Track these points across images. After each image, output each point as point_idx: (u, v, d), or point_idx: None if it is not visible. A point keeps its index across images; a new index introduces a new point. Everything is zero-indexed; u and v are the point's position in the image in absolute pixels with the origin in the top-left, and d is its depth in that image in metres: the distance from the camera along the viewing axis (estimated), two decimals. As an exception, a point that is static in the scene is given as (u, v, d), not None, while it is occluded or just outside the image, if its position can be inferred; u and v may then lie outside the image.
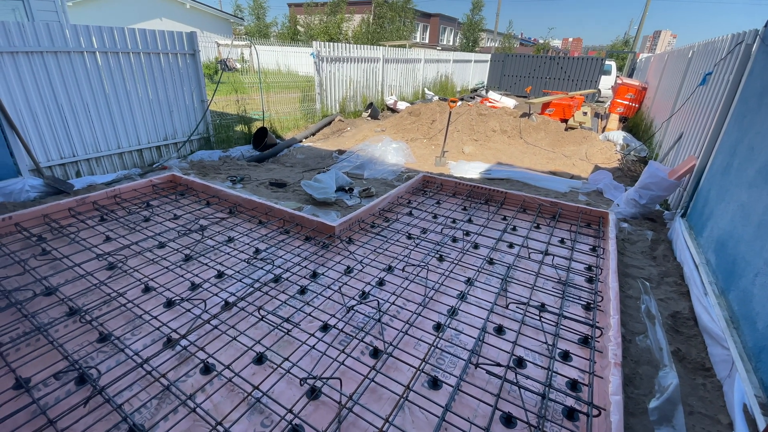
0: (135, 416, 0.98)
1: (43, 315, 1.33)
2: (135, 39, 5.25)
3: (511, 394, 1.10)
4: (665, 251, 2.71)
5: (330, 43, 9.37)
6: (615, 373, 1.10)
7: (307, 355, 1.21)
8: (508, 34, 34.00)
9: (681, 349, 1.78)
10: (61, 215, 2.05)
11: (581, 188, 5.52)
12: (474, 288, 1.59)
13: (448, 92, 15.19)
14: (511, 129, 8.60)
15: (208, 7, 19.51)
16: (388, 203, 2.41)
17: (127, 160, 5.63)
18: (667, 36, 72.46)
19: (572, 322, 1.40)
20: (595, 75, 16.17)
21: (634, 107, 11.21)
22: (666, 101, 7.73)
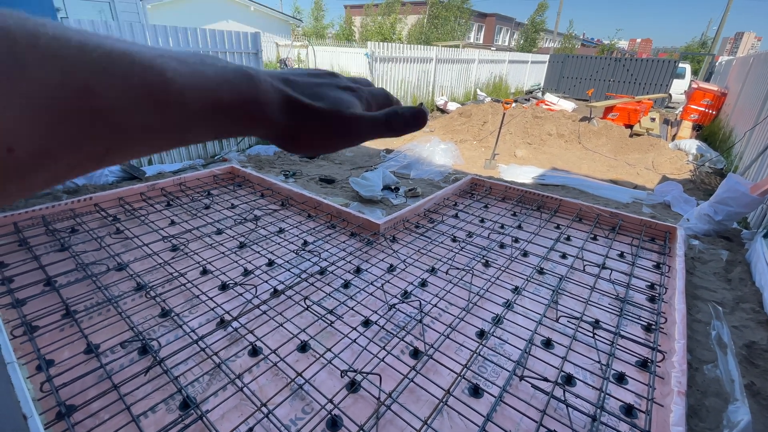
0: (188, 389, 1.05)
1: (114, 288, 1.46)
2: (206, 39, 5.64)
3: (558, 411, 1.04)
4: (742, 274, 2.45)
5: (384, 44, 9.46)
6: (678, 402, 1.01)
7: (348, 348, 1.23)
8: (569, 35, 32.43)
9: (755, 383, 1.59)
10: (133, 198, 2.24)
11: (646, 199, 5.13)
12: (521, 297, 1.53)
13: (501, 94, 14.76)
14: (568, 133, 8.18)
15: (270, 9, 20.48)
16: (434, 204, 2.38)
17: (192, 151, 6.05)
18: (750, 38, 65.34)
19: (630, 342, 1.30)
20: (665, 78, 14.93)
21: (711, 114, 10.22)
22: (750, 109, 6.98)
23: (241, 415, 0.99)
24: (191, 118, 0.26)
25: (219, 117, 0.28)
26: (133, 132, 0.23)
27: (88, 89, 0.20)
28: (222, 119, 0.28)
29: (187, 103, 0.25)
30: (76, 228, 1.88)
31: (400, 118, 0.38)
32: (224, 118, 0.28)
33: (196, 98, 0.26)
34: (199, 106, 0.26)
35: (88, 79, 0.20)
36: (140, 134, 0.23)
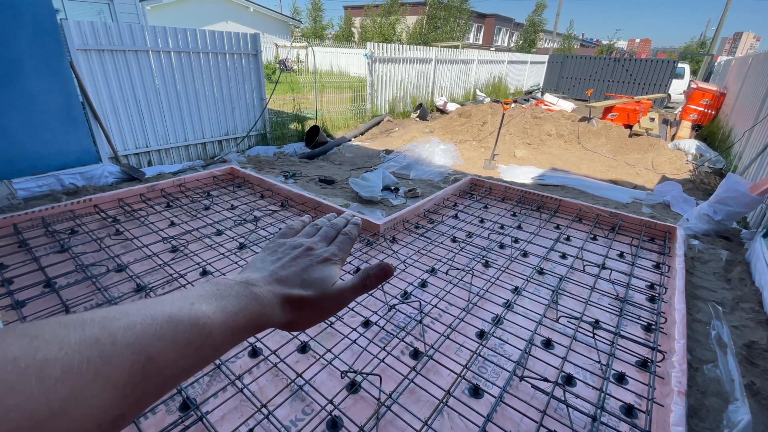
0: (188, 390, 1.05)
1: (114, 289, 1.46)
2: (205, 40, 5.64)
3: (558, 412, 1.04)
4: (742, 274, 2.45)
5: (383, 44, 9.46)
6: (678, 402, 1.01)
7: (349, 349, 1.23)
8: (568, 35, 32.45)
9: (755, 382, 1.60)
10: (133, 200, 2.24)
11: (645, 199, 5.14)
12: (521, 298, 1.53)
13: (500, 94, 14.78)
14: (568, 133, 8.19)
15: (269, 10, 20.48)
16: (434, 205, 2.38)
17: (192, 152, 6.05)
18: (749, 38, 65.40)
19: (630, 342, 1.30)
20: (664, 78, 14.94)
21: (710, 114, 10.23)
22: (749, 109, 6.99)
23: (241, 416, 0.99)
24: (218, 350, 0.32)
25: (236, 338, 0.34)
26: (178, 375, 0.29)
27: (151, 360, 0.26)
28: (237, 339, 0.35)
29: (216, 342, 0.32)
30: (76, 229, 1.88)
31: (373, 278, 0.47)
32: (239, 337, 0.35)
33: (223, 333, 0.32)
34: (226, 338, 0.33)
35: (150, 351, 0.27)
36: (181, 375, 0.30)
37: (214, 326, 0.31)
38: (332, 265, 0.47)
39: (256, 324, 0.36)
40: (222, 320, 0.32)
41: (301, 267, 0.45)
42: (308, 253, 0.47)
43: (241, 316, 0.34)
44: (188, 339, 0.29)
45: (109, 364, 0.24)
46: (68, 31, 4.30)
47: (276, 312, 0.39)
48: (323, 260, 0.47)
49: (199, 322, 0.30)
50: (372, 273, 0.47)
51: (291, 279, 0.43)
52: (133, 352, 0.25)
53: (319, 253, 0.48)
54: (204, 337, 0.30)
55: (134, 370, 0.25)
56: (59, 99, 3.88)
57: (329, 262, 0.47)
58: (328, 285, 0.44)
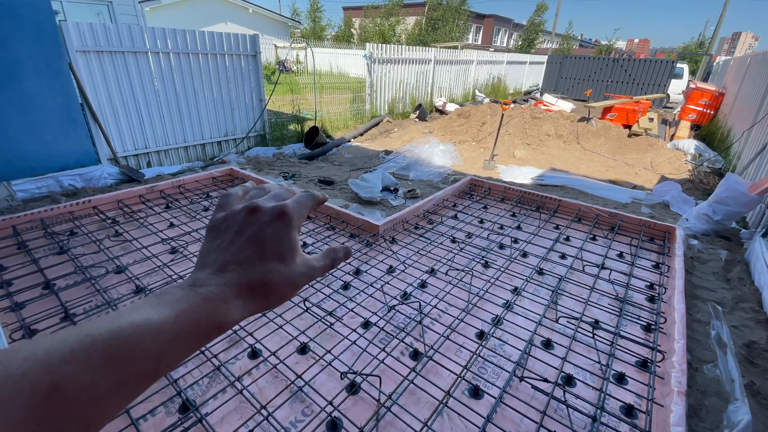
0: (188, 392, 1.05)
1: (113, 291, 1.46)
2: (204, 41, 5.64)
3: (558, 412, 1.04)
4: (741, 274, 2.45)
5: (382, 45, 9.47)
6: (678, 403, 1.01)
7: (348, 350, 1.23)
8: (567, 35, 32.49)
9: (755, 382, 1.60)
10: (132, 201, 2.24)
11: (645, 199, 5.14)
12: (521, 298, 1.53)
13: (500, 94, 14.79)
14: (567, 133, 8.20)
15: (269, 11, 20.50)
16: (433, 205, 2.38)
17: (191, 153, 6.05)
18: (747, 38, 65.62)
19: (629, 342, 1.30)
20: (663, 78, 14.96)
21: (709, 114, 10.25)
22: (747, 108, 7.00)
23: (240, 418, 0.99)
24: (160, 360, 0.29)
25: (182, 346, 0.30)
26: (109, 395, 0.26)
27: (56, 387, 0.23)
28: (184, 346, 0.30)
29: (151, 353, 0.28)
30: (75, 231, 1.88)
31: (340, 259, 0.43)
32: (187, 344, 0.31)
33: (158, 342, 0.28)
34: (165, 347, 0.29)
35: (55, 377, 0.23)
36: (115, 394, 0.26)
37: (143, 337, 0.27)
38: (287, 222, 0.38)
39: (208, 326, 0.31)
40: (155, 328, 0.28)
41: (248, 238, 0.37)
42: (254, 217, 0.38)
43: (182, 320, 0.30)
44: (108, 355, 0.26)
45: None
46: (67, 32, 4.30)
47: (234, 306, 0.33)
48: (275, 217, 0.38)
49: (122, 336, 0.27)
50: (340, 255, 0.43)
51: (242, 260, 0.36)
52: (31, 382, 0.22)
53: (268, 209, 0.38)
54: (131, 350, 0.27)
55: (35, 402, 0.22)
56: (58, 100, 3.88)
57: (283, 219, 0.38)
58: (289, 252, 0.37)
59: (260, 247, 0.36)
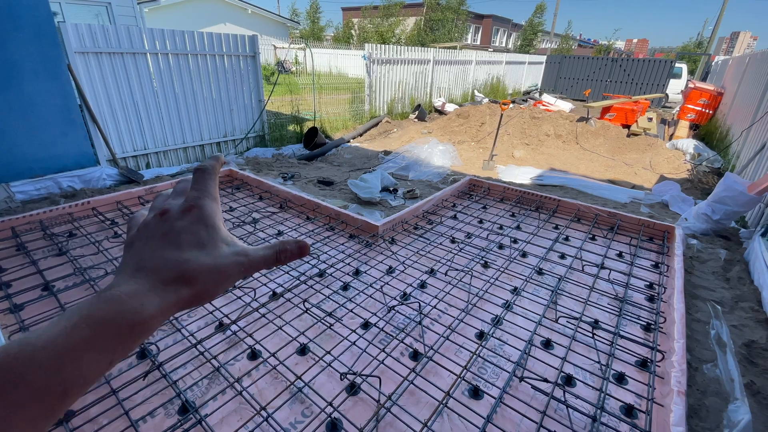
0: (187, 393, 1.05)
1: (113, 292, 1.45)
2: (203, 41, 5.63)
3: (558, 412, 1.04)
4: (740, 273, 2.45)
5: (381, 45, 9.47)
6: (678, 402, 1.01)
7: (348, 351, 1.22)
8: (566, 35, 32.54)
9: (755, 382, 1.60)
10: (131, 202, 2.24)
11: (644, 199, 5.15)
12: (521, 298, 1.53)
13: (498, 95, 14.79)
14: (566, 133, 8.20)
15: (267, 12, 20.50)
16: (433, 205, 2.38)
17: (191, 154, 6.04)
18: (746, 37, 65.79)
19: (629, 342, 1.30)
20: (662, 78, 14.98)
21: (708, 114, 10.26)
22: (746, 108, 7.01)
23: (240, 419, 0.98)
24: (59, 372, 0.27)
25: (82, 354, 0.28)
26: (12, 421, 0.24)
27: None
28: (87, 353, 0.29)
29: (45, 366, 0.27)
30: (74, 232, 1.88)
31: (288, 254, 0.40)
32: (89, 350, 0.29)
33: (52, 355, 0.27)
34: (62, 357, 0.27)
35: None
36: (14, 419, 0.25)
37: (34, 351, 0.27)
38: (198, 211, 0.38)
39: (119, 327, 0.30)
40: (46, 340, 0.27)
41: (162, 236, 0.36)
42: (164, 217, 0.38)
43: (80, 327, 0.29)
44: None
45: None
46: (66, 33, 4.29)
47: (149, 302, 0.32)
48: (183, 211, 0.38)
49: (9, 354, 0.26)
50: (289, 248, 0.40)
51: (156, 256, 0.35)
52: None
53: (176, 207, 0.38)
54: (19, 369, 0.26)
55: None
56: (57, 102, 3.88)
57: (192, 211, 0.38)
58: (209, 240, 0.37)
59: (174, 240, 0.36)
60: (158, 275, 0.34)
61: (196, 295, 0.35)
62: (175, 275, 0.34)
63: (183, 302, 0.34)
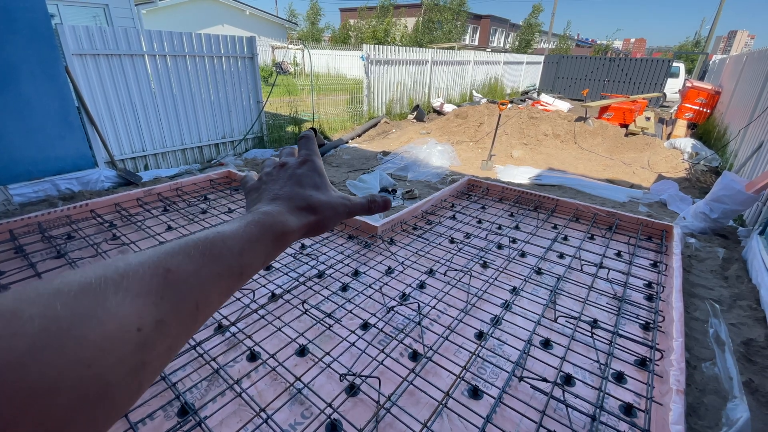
0: (187, 395, 1.05)
1: (112, 294, 1.45)
2: (200, 43, 5.63)
3: (558, 412, 1.04)
4: (739, 271, 2.46)
5: (380, 46, 9.48)
6: (677, 401, 1.01)
7: (347, 352, 1.23)
8: (564, 35, 32.60)
9: (754, 380, 1.60)
10: (130, 204, 2.24)
11: (642, 198, 5.16)
12: (520, 298, 1.53)
13: (497, 95, 14.81)
14: (564, 133, 8.22)
15: (265, 13, 20.49)
16: (431, 206, 2.38)
17: (189, 156, 6.03)
18: (743, 36, 66.02)
19: (628, 341, 1.30)
20: (660, 78, 15.02)
21: (705, 113, 10.29)
22: (744, 107, 7.03)
23: (240, 421, 0.98)
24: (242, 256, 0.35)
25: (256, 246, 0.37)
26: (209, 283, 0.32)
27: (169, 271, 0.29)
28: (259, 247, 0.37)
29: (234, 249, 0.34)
30: (73, 234, 1.87)
31: (377, 205, 0.49)
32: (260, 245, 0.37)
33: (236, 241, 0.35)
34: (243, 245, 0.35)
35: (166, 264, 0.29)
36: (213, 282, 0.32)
37: (225, 238, 0.34)
38: (312, 163, 0.48)
39: (273, 232, 0.38)
40: (232, 231, 0.35)
41: (287, 179, 0.46)
42: (284, 168, 0.48)
43: (252, 226, 0.37)
44: (202, 251, 0.32)
45: (127, 278, 0.26)
46: (63, 35, 4.29)
47: (290, 219, 0.41)
48: (301, 163, 0.48)
49: (208, 238, 0.33)
50: (378, 200, 0.49)
51: (289, 191, 0.44)
52: (149, 267, 0.28)
53: (292, 161, 0.49)
54: (218, 247, 0.33)
55: (155, 281, 0.27)
56: (55, 104, 3.87)
57: (308, 162, 0.48)
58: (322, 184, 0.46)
59: (298, 181, 0.45)
60: (292, 203, 0.43)
61: (319, 222, 0.44)
62: (304, 204, 0.43)
63: (310, 226, 0.43)
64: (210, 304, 0.31)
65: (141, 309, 0.25)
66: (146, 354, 0.25)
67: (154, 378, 0.27)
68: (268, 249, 0.38)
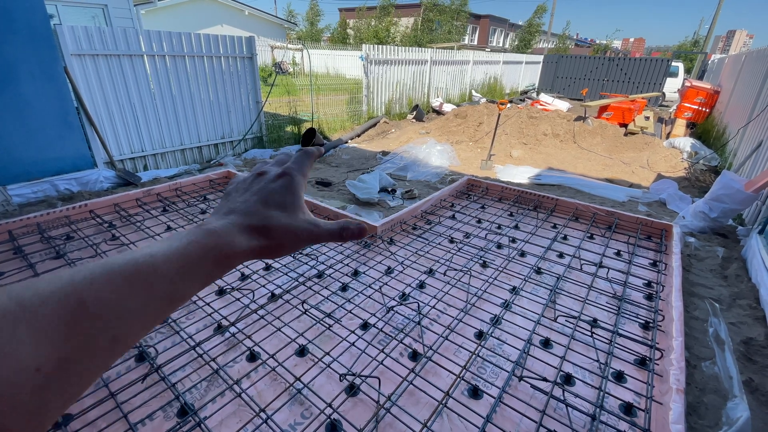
0: (186, 395, 1.04)
1: (111, 295, 1.45)
2: (199, 43, 5.63)
3: (558, 411, 1.04)
4: (738, 271, 2.46)
5: (379, 46, 9.47)
6: (677, 400, 1.01)
7: (347, 352, 1.22)
8: (564, 35, 32.63)
9: (754, 379, 1.60)
10: (129, 205, 2.23)
11: (641, 198, 5.17)
12: (519, 297, 1.53)
13: (496, 94, 14.81)
14: (563, 133, 8.22)
15: (264, 13, 20.48)
16: (431, 206, 2.38)
17: (188, 156, 6.03)
18: (742, 36, 66.14)
19: (628, 341, 1.30)
20: (659, 77, 15.03)
21: (705, 112, 10.29)
22: (743, 106, 7.04)
23: (239, 421, 0.98)
24: (174, 283, 0.32)
25: (192, 270, 0.34)
26: (128, 315, 0.29)
27: (82, 302, 0.26)
28: (195, 270, 0.34)
29: (166, 275, 0.31)
30: (72, 235, 1.87)
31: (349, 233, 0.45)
32: (197, 269, 0.34)
33: (170, 266, 0.32)
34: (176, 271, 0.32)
35: (80, 295, 0.26)
36: (134, 315, 0.29)
37: (157, 262, 0.31)
38: (289, 179, 0.44)
39: (216, 255, 0.35)
40: (166, 255, 0.32)
41: (254, 192, 0.42)
42: (260, 178, 0.44)
43: (191, 248, 0.34)
44: (126, 277, 0.29)
45: (31, 312, 0.24)
46: (62, 36, 4.28)
47: (239, 240, 0.37)
48: (278, 176, 0.44)
49: (137, 262, 0.30)
50: (352, 227, 0.45)
51: (249, 207, 0.41)
52: (59, 298, 0.25)
53: (272, 171, 0.45)
54: (146, 274, 0.30)
55: (64, 314, 0.25)
56: (54, 104, 3.87)
57: (284, 177, 0.44)
58: (291, 205, 0.42)
59: (264, 198, 0.42)
60: (247, 220, 0.39)
61: (273, 247, 0.40)
62: (260, 225, 0.39)
63: (261, 249, 0.39)
64: (131, 335, 0.29)
65: (42, 347, 0.23)
66: (47, 395, 0.23)
67: (60, 414, 0.25)
68: (208, 272, 0.35)
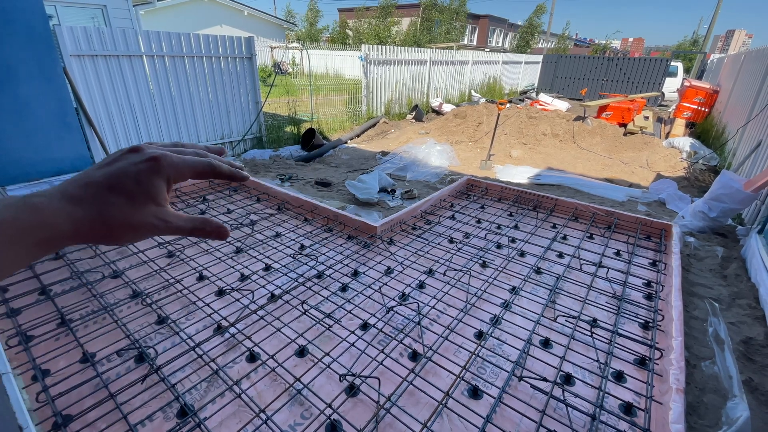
0: (186, 396, 1.04)
1: (110, 296, 1.45)
2: (199, 43, 5.62)
3: (558, 411, 1.04)
4: (738, 270, 2.47)
5: (378, 46, 9.47)
6: (676, 400, 1.01)
7: (347, 352, 1.22)
8: (563, 35, 32.67)
9: (753, 378, 1.60)
10: (128, 205, 2.23)
11: (641, 198, 5.17)
12: (519, 297, 1.53)
13: (495, 94, 14.82)
14: (563, 133, 8.22)
15: (263, 13, 20.48)
16: (431, 206, 2.38)
17: (187, 156, 6.00)
18: (741, 35, 66.28)
19: (627, 340, 1.30)
20: (658, 77, 15.05)
21: (704, 112, 10.30)
22: (742, 106, 7.04)
23: (239, 422, 0.98)
24: None
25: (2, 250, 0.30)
26: None
27: None
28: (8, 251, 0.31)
29: None
30: (71, 236, 1.87)
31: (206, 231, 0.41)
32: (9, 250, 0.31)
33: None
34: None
35: None
36: None
37: None
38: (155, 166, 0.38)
39: (36, 236, 0.32)
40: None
41: (110, 169, 0.37)
42: (129, 155, 0.39)
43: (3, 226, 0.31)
44: None
45: None
46: (61, 36, 4.27)
47: (64, 223, 0.33)
48: (145, 160, 0.38)
49: None
50: (209, 227, 0.41)
51: (91, 181, 0.36)
52: None
53: (145, 152, 0.39)
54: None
55: None
56: (52, 105, 3.86)
57: (150, 164, 0.38)
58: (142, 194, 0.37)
59: (114, 179, 0.37)
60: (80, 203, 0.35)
61: (103, 235, 0.36)
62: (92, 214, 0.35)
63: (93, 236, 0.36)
64: None
65: None
66: None
67: None
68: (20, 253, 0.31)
